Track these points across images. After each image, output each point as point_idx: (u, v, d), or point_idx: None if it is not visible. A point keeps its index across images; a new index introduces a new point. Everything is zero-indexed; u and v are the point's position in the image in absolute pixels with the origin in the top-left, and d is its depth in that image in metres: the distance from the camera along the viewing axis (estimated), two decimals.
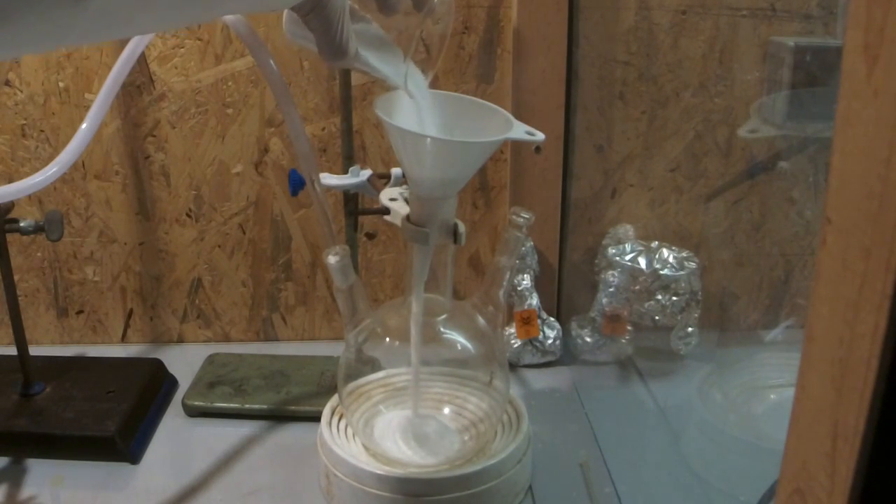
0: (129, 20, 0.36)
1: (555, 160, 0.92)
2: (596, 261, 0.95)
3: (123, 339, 0.99)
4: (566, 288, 0.98)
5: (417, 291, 0.66)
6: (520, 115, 0.64)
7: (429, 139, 0.59)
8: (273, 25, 0.87)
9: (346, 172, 0.78)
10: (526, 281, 0.92)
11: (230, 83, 0.89)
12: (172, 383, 0.90)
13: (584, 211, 0.96)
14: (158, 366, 0.90)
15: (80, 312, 0.98)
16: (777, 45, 0.83)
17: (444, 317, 0.70)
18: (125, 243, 0.95)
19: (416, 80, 0.59)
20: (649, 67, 0.91)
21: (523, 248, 0.91)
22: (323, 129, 0.92)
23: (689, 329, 0.91)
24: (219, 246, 0.96)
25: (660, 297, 0.89)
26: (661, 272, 0.89)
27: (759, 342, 0.95)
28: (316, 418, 0.76)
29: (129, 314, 0.98)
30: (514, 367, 0.93)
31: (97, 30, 0.36)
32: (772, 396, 0.82)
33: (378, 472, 0.67)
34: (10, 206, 0.77)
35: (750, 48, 0.89)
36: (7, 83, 0.88)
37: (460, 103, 0.64)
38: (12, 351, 0.81)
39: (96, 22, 0.33)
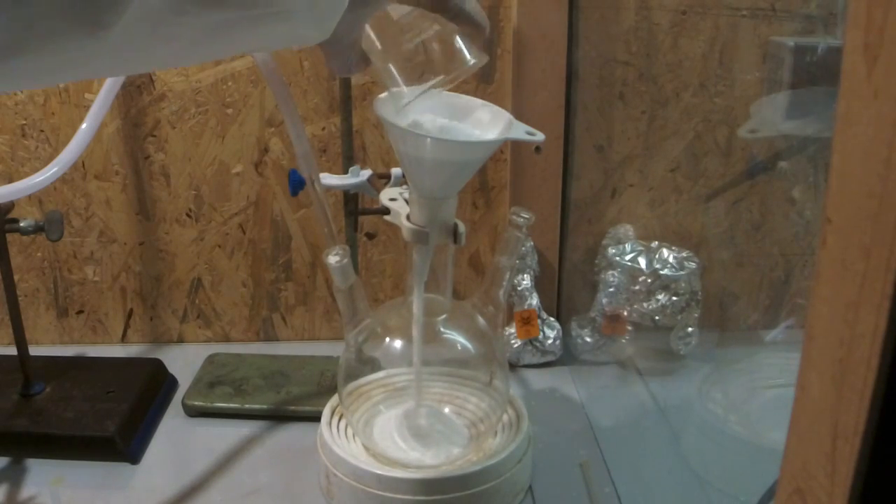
0: (147, 55, 0.36)
1: (555, 160, 0.92)
2: (596, 261, 0.95)
3: (123, 339, 0.99)
4: (566, 288, 0.98)
5: (417, 291, 0.66)
6: (520, 115, 0.64)
7: (429, 139, 0.59)
8: None
9: (346, 172, 0.78)
10: (526, 281, 0.92)
11: (230, 83, 0.89)
12: (172, 383, 0.90)
13: (584, 211, 0.96)
14: (158, 366, 0.90)
15: (80, 312, 0.98)
16: (777, 45, 0.83)
17: (444, 317, 0.70)
18: (125, 243, 0.95)
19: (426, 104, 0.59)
20: (649, 67, 0.91)
21: (523, 248, 0.91)
22: (323, 129, 0.92)
23: (689, 329, 0.91)
24: (219, 246, 0.96)
25: (660, 297, 0.89)
26: (661, 272, 0.89)
27: (759, 342, 0.95)
28: (316, 418, 0.76)
29: (129, 314, 0.98)
30: (514, 367, 0.93)
31: (113, 64, 0.35)
32: (772, 396, 0.82)
33: (378, 472, 0.67)
34: (10, 206, 0.77)
35: (750, 48, 0.89)
36: None
37: (460, 103, 0.64)
38: (12, 351, 0.81)
39: (113, 56, 0.33)
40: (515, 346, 0.92)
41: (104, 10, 0.30)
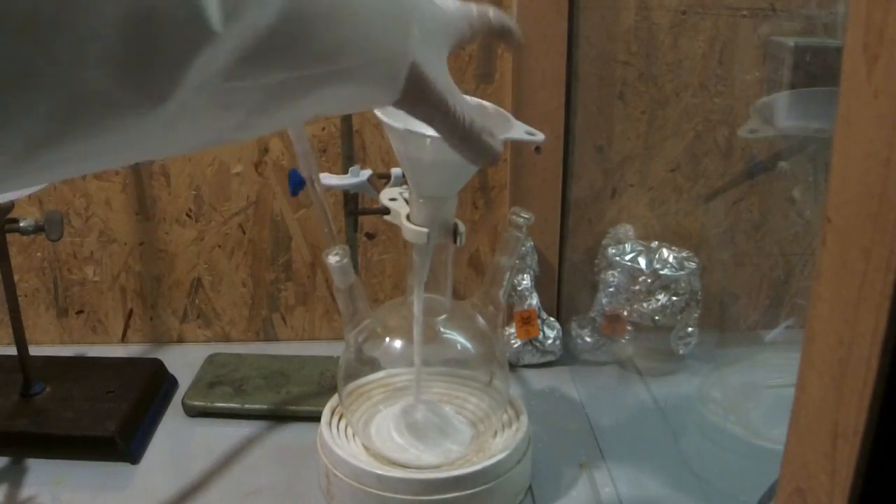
0: (202, 129, 0.32)
1: (555, 160, 0.92)
2: (596, 261, 0.95)
3: (123, 339, 0.99)
4: (566, 288, 0.98)
5: (417, 291, 0.66)
6: (520, 115, 0.64)
7: (429, 139, 0.59)
8: None
9: (346, 172, 0.78)
10: (526, 281, 0.92)
11: None
12: (172, 383, 0.90)
13: (584, 211, 0.96)
14: (158, 366, 0.90)
15: (80, 312, 0.98)
16: (777, 45, 0.83)
17: (444, 317, 0.70)
18: (125, 243, 0.95)
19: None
20: (649, 67, 0.91)
21: (523, 248, 0.91)
22: (323, 129, 0.92)
23: (689, 329, 0.91)
24: (219, 246, 0.96)
25: (660, 297, 0.89)
26: (661, 272, 0.89)
27: (759, 342, 0.95)
28: (316, 418, 0.76)
29: (129, 314, 0.98)
30: (514, 367, 0.92)
31: (166, 143, 0.31)
32: (772, 396, 0.82)
33: (378, 472, 0.67)
34: (10, 206, 0.77)
35: (750, 48, 0.89)
36: None
37: None
38: (12, 351, 0.81)
39: (166, 133, 0.30)
40: (515, 346, 0.92)
41: (161, 80, 0.27)
